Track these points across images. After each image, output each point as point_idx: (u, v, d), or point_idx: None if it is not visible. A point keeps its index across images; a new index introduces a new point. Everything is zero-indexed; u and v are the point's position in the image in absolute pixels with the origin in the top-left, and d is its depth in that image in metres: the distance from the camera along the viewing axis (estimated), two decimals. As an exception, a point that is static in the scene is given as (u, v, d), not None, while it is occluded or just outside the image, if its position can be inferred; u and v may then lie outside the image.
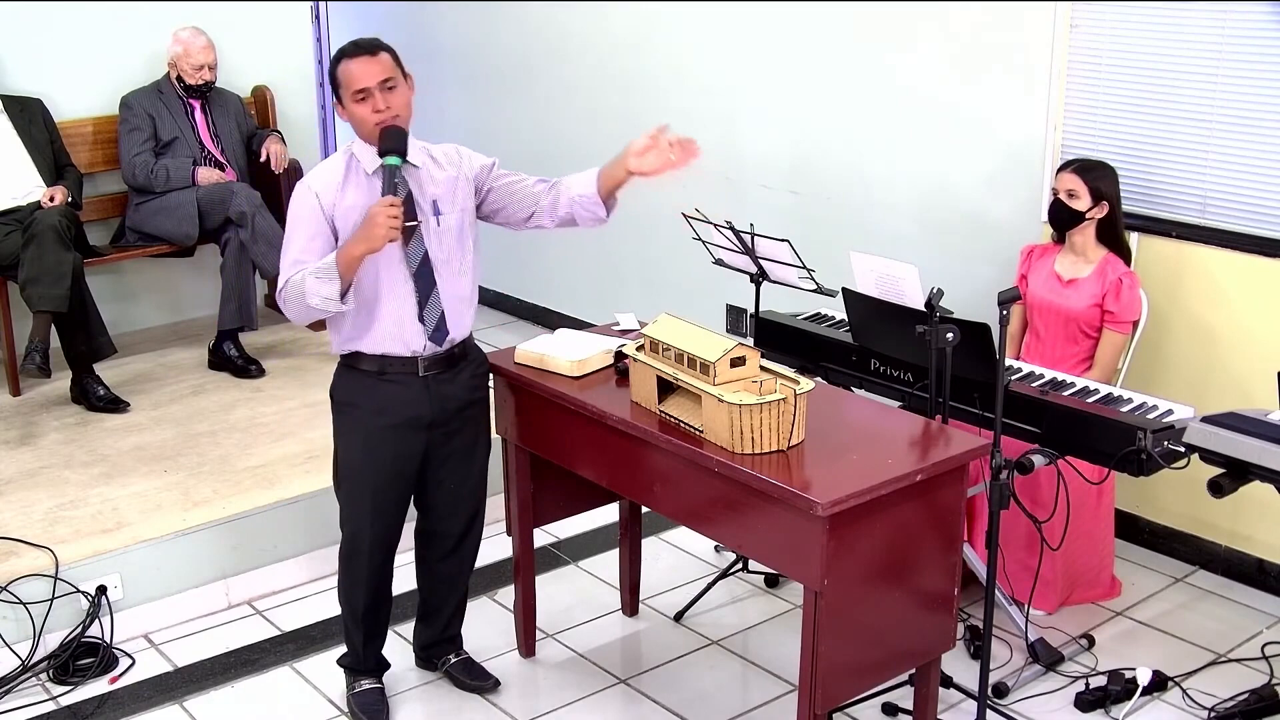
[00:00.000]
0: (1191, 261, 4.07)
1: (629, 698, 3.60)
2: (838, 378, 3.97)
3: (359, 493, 3.32)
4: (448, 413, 3.30)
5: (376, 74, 3.08)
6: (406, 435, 3.27)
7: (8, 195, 4.98)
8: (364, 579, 3.39)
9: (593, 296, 6.25)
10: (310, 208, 3.14)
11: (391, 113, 3.11)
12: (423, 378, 3.24)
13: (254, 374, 5.26)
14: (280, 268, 3.20)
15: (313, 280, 3.06)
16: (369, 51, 3.10)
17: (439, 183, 3.23)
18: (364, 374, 3.25)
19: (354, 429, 3.29)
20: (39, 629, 3.69)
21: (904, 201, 4.87)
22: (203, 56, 5.32)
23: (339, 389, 3.32)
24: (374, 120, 3.10)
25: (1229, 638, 3.84)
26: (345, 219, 3.14)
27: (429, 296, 3.21)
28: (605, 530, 4.43)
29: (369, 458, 3.28)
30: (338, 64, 3.12)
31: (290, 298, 3.13)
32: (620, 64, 5.86)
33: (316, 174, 3.20)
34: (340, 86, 3.12)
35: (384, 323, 3.19)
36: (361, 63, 3.09)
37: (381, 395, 3.24)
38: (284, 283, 3.14)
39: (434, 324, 3.22)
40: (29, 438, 4.68)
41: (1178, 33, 3.99)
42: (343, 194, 3.15)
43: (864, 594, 2.80)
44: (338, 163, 3.20)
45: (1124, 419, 3.39)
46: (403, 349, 3.21)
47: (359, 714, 3.48)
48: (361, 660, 3.52)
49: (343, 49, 3.14)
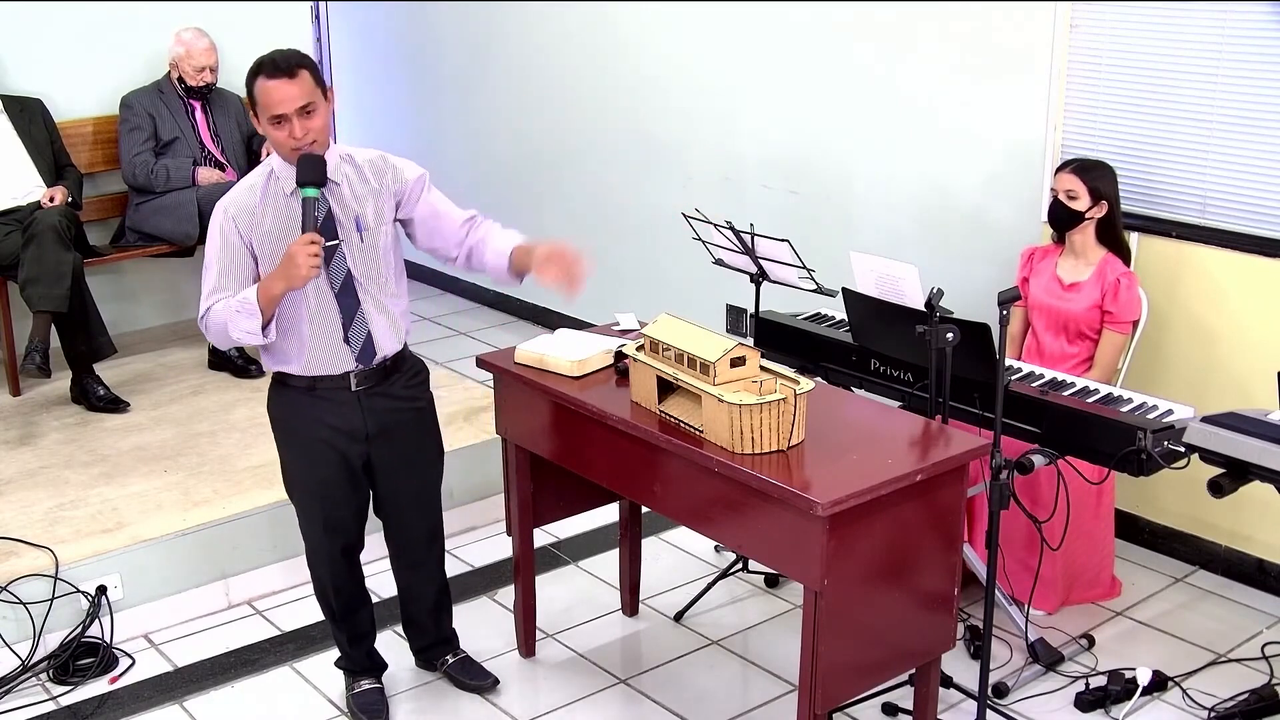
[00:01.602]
0: (1191, 261, 4.07)
1: (629, 698, 3.60)
2: (838, 378, 3.97)
3: (308, 503, 3.32)
4: (386, 426, 3.26)
5: (295, 99, 2.96)
6: (345, 445, 3.23)
7: (8, 195, 4.98)
8: (329, 584, 3.39)
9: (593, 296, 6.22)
10: (227, 234, 3.07)
11: (309, 139, 3.00)
12: (354, 393, 3.20)
13: (254, 374, 5.26)
14: (202, 291, 3.12)
15: (234, 314, 3.02)
16: (287, 73, 2.97)
17: (362, 198, 3.14)
18: (295, 390, 3.21)
19: (292, 443, 3.28)
20: (39, 629, 3.69)
21: (904, 201, 4.87)
22: (205, 58, 5.32)
23: (273, 405, 3.29)
24: (290, 146, 3.00)
25: (1229, 638, 3.84)
26: (264, 243, 3.08)
27: (354, 316, 3.14)
28: (605, 530, 4.43)
29: (311, 471, 3.26)
30: (253, 80, 2.99)
31: (212, 327, 3.09)
32: (620, 64, 5.86)
33: (234, 197, 3.10)
34: (256, 104, 3.01)
35: (308, 346, 3.14)
36: (279, 85, 2.96)
37: (315, 411, 3.20)
38: (204, 311, 3.09)
39: (360, 344, 3.17)
40: (29, 438, 4.68)
41: (1178, 33, 3.99)
42: (261, 217, 3.07)
43: (864, 594, 2.80)
44: (256, 182, 3.11)
45: (1124, 419, 3.39)
46: (330, 370, 3.17)
47: (359, 714, 3.48)
48: (353, 660, 3.53)
49: (260, 64, 2.99)
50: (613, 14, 5.83)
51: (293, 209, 3.07)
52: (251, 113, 3.08)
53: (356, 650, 3.52)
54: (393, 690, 3.60)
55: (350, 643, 3.50)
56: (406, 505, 3.41)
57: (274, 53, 3.02)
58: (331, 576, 3.38)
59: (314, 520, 3.33)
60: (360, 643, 3.52)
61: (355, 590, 3.46)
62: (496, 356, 3.50)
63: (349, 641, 3.49)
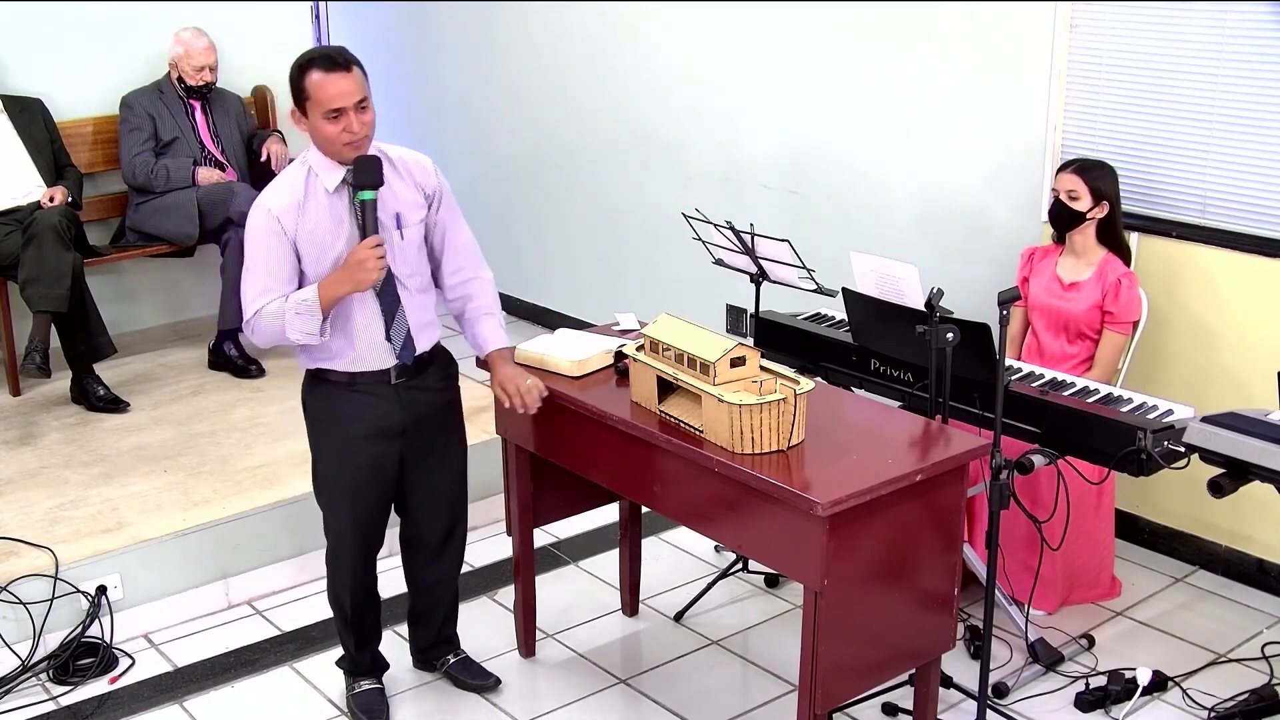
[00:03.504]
0: (1191, 261, 4.07)
1: (629, 698, 3.60)
2: (838, 378, 3.97)
3: (339, 502, 3.31)
4: (420, 418, 3.27)
5: (353, 92, 2.95)
6: (382, 443, 3.24)
7: (8, 195, 4.98)
8: (348, 584, 3.39)
9: (593, 296, 6.25)
10: (273, 232, 3.04)
11: (363, 134, 2.99)
12: (394, 386, 3.21)
13: (254, 374, 5.26)
14: (245, 293, 3.09)
15: (293, 315, 3.03)
16: (344, 67, 2.95)
17: (399, 196, 3.15)
18: (334, 385, 3.21)
19: (329, 441, 3.27)
20: (39, 629, 3.69)
21: (904, 201, 4.86)
22: (204, 58, 5.32)
23: (310, 402, 3.29)
24: (344, 141, 2.98)
25: (1229, 638, 3.84)
26: (308, 241, 3.06)
27: (394, 314, 3.16)
28: (605, 530, 4.43)
29: (346, 467, 3.26)
30: (304, 74, 2.96)
31: (263, 328, 3.08)
32: (621, 64, 5.86)
33: (274, 195, 3.07)
34: (306, 98, 2.97)
35: (352, 345, 3.15)
36: (338, 78, 2.94)
37: (354, 406, 3.20)
38: (254, 312, 3.07)
39: (401, 340, 3.19)
40: (29, 438, 4.68)
41: (1178, 33, 3.99)
42: (304, 216, 3.05)
43: (864, 594, 2.80)
44: (295, 180, 3.07)
45: (1124, 419, 3.39)
46: (372, 366, 3.19)
47: (359, 714, 3.48)
48: (357, 662, 3.53)
49: (310, 58, 2.97)
50: (613, 14, 5.83)
51: (334, 207, 3.06)
52: (294, 109, 3.03)
53: (362, 653, 3.52)
54: (393, 690, 3.60)
55: (357, 645, 3.50)
56: (433, 499, 3.41)
57: (323, 48, 3.02)
58: (351, 578, 3.38)
59: (343, 519, 3.32)
60: (366, 646, 3.52)
61: (369, 593, 3.46)
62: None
63: (356, 645, 3.49)
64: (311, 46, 3.06)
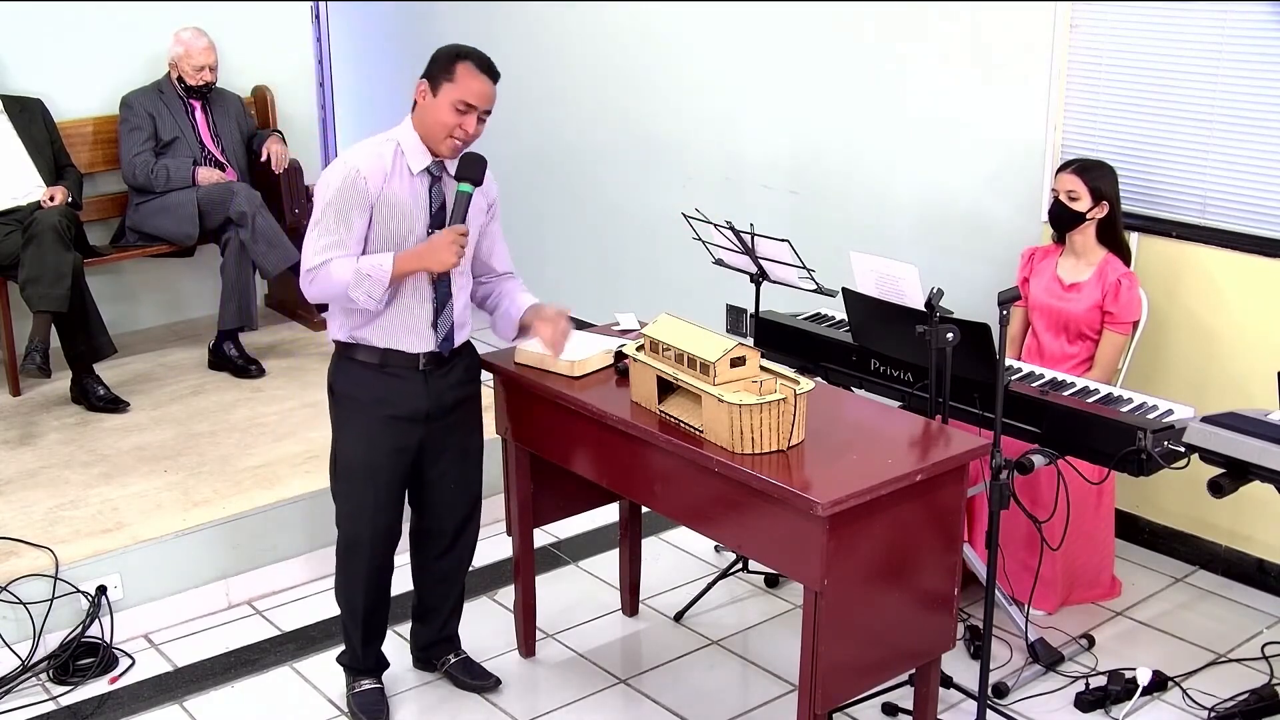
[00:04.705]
0: (1191, 261, 4.07)
1: (629, 698, 3.60)
2: (838, 378, 3.97)
3: (360, 486, 3.32)
4: (444, 406, 3.31)
5: (490, 100, 3.14)
6: (405, 428, 3.28)
7: (8, 195, 4.98)
8: (363, 577, 3.39)
9: (593, 296, 6.25)
10: (358, 191, 3.09)
11: (471, 139, 3.15)
12: (422, 371, 3.26)
13: (254, 374, 5.26)
14: (311, 244, 3.13)
15: (363, 277, 3.08)
16: (494, 77, 3.14)
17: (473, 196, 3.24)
18: (363, 365, 3.25)
19: (354, 421, 3.30)
20: (39, 629, 3.69)
21: (904, 201, 4.87)
22: (203, 58, 5.32)
23: (339, 380, 3.31)
24: (455, 135, 3.11)
25: (1229, 638, 3.84)
26: (386, 209, 3.13)
27: (444, 306, 3.24)
28: (605, 530, 4.43)
29: (370, 450, 3.29)
30: (459, 59, 3.09)
31: (325, 281, 3.10)
32: (620, 64, 5.86)
33: (363, 158, 3.12)
34: (448, 79, 3.08)
35: (400, 322, 3.21)
36: (487, 83, 3.12)
37: (382, 387, 3.25)
38: (320, 262, 3.09)
39: (444, 332, 3.25)
40: (29, 438, 4.68)
41: (1178, 33, 3.99)
42: (389, 185, 3.13)
43: (864, 594, 2.80)
44: (385, 150, 3.15)
45: (1124, 419, 3.39)
46: (409, 348, 3.23)
47: (359, 714, 3.48)
48: (361, 660, 3.52)
49: (471, 53, 3.11)
50: (613, 14, 5.83)
51: (414, 187, 3.16)
52: (427, 81, 3.12)
53: (367, 651, 3.51)
54: (393, 690, 3.60)
55: (364, 642, 3.49)
56: (450, 490, 3.43)
57: (480, 51, 3.14)
58: (366, 570, 3.38)
59: (364, 506, 3.32)
60: (372, 643, 3.52)
61: (383, 585, 3.47)
62: (496, 356, 3.50)
63: (363, 641, 3.49)
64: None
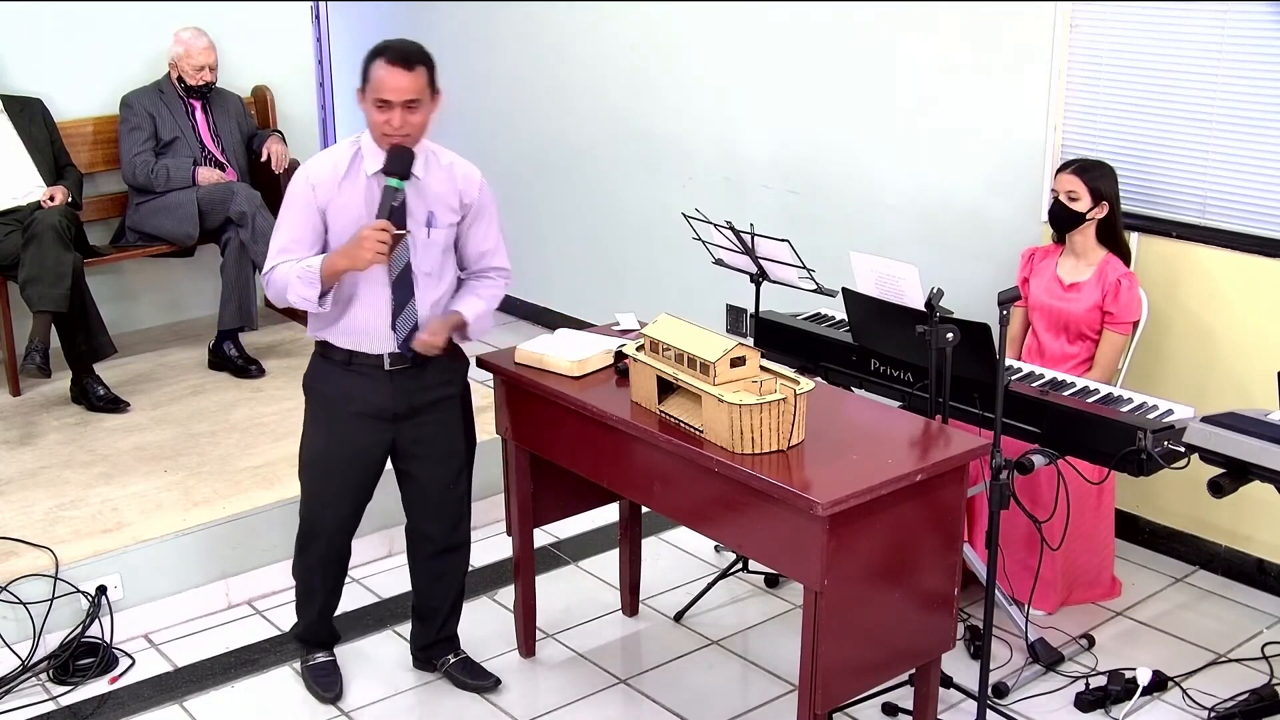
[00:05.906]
0: (1191, 261, 4.07)
1: (629, 698, 3.60)
2: (838, 378, 3.97)
3: (321, 476, 3.38)
4: (415, 407, 3.32)
5: (405, 91, 3.06)
6: (371, 425, 3.31)
7: (8, 195, 4.97)
8: (319, 563, 3.48)
9: (593, 296, 6.25)
10: (304, 199, 3.19)
11: (404, 131, 3.09)
12: (388, 372, 3.27)
13: (254, 374, 5.25)
14: (270, 247, 3.24)
15: (295, 279, 3.15)
16: (406, 65, 3.05)
17: (438, 197, 3.24)
18: (332, 362, 3.31)
19: (319, 414, 3.37)
20: (39, 629, 3.69)
21: (904, 201, 4.87)
22: (204, 58, 5.32)
23: (310, 374, 3.40)
24: (383, 132, 3.11)
25: (1229, 638, 3.84)
26: (337, 215, 3.18)
27: (404, 307, 3.23)
28: (605, 530, 4.43)
29: (332, 443, 3.34)
30: (373, 59, 3.08)
31: (273, 285, 3.23)
32: (620, 64, 5.86)
33: (317, 164, 3.22)
34: (367, 78, 3.10)
35: (356, 324, 3.24)
36: (395, 74, 3.05)
37: (347, 384, 3.29)
38: (269, 268, 3.22)
39: (405, 333, 3.24)
40: (29, 438, 4.68)
41: (1178, 33, 3.99)
42: (339, 189, 3.17)
43: (864, 594, 2.80)
44: (341, 154, 3.21)
45: (1124, 419, 3.39)
46: (369, 349, 3.26)
47: (314, 685, 3.57)
48: (316, 632, 3.61)
49: (385, 48, 3.08)
50: (613, 14, 5.83)
51: (371, 189, 3.17)
52: (358, 90, 3.15)
53: (320, 625, 3.61)
54: (393, 690, 3.61)
55: (320, 614, 3.58)
56: (433, 494, 3.44)
57: (400, 41, 3.12)
58: (323, 555, 3.46)
59: (322, 496, 3.40)
60: (328, 614, 3.61)
61: (340, 571, 3.55)
62: (496, 356, 3.51)
63: (319, 613, 3.58)
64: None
